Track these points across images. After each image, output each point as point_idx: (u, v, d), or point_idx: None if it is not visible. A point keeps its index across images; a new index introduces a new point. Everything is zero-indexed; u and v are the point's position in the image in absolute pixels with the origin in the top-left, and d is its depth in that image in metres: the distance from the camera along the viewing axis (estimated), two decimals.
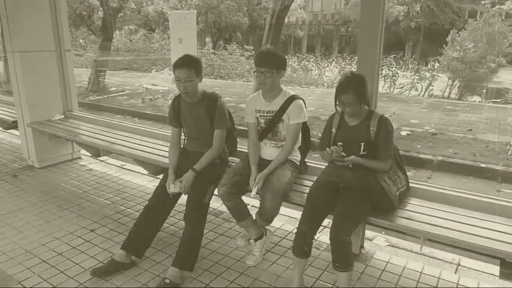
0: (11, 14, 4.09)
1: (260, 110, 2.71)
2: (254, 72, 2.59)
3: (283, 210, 3.28)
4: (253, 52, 17.63)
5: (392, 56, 17.72)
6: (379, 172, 2.33)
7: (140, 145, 3.70)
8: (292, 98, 2.62)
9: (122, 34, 28.18)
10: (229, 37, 25.23)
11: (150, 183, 4.16)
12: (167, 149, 2.99)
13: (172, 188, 2.70)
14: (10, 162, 4.75)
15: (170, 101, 2.99)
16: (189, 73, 2.61)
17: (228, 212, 2.70)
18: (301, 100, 2.63)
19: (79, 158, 4.90)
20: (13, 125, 4.71)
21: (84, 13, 22.92)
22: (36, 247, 2.94)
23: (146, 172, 4.19)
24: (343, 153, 2.29)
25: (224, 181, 2.60)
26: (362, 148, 2.31)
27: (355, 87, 2.22)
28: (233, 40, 23.93)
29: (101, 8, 14.09)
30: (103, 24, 11.58)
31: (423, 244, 2.91)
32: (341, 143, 2.35)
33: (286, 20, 20.94)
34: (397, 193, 2.36)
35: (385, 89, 13.32)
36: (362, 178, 2.30)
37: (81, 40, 25.16)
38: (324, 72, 16.83)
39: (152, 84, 10.80)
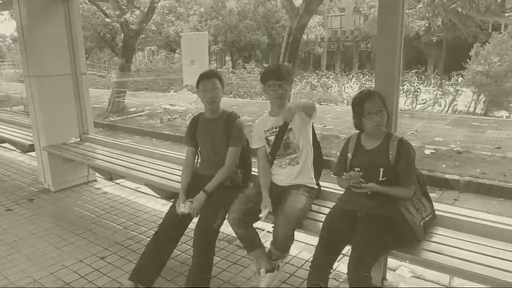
0: (28, 39, 4.14)
1: (268, 130, 2.62)
2: (269, 86, 2.52)
3: (300, 236, 3.13)
4: None
5: (413, 71, 17.39)
6: (402, 199, 2.15)
7: (154, 169, 3.63)
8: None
9: (144, 55, 28.90)
10: (249, 55, 25.46)
11: (163, 207, 4.06)
12: (180, 173, 2.92)
13: (182, 208, 2.62)
14: (27, 186, 4.76)
15: (188, 121, 3.08)
16: (214, 82, 2.71)
17: None
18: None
19: (95, 180, 4.86)
20: (30, 148, 4.74)
21: (108, 35, 23.70)
22: (44, 276, 2.86)
23: (159, 196, 4.11)
24: (361, 179, 2.13)
25: (236, 207, 2.47)
26: (381, 174, 2.14)
27: (378, 94, 2.18)
28: (252, 58, 24.13)
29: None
30: (123, 46, 11.81)
31: (452, 277, 2.68)
32: (358, 169, 2.19)
33: (305, 37, 21.03)
34: (422, 223, 2.16)
35: (407, 105, 13.02)
36: (383, 206, 2.13)
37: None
38: (344, 88, 16.65)
39: (170, 104, 10.87)
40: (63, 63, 4.40)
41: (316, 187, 2.65)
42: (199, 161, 2.94)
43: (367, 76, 18.58)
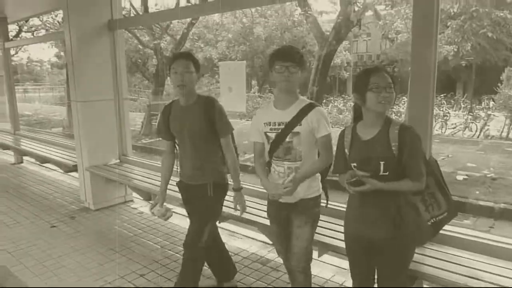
0: (76, 67, 4.46)
1: (270, 123, 2.24)
2: (276, 68, 2.14)
3: (330, 259, 3.18)
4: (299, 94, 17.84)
5: (442, 95, 17.20)
6: (412, 194, 1.90)
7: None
8: (312, 105, 2.19)
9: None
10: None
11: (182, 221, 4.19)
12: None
13: (156, 211, 2.66)
14: (68, 204, 5.00)
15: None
16: (187, 64, 2.44)
17: (275, 260, 2.63)
18: (322, 108, 2.24)
19: (132, 201, 5.06)
20: (73, 168, 5.00)
21: (139, 60, 24.64)
22: None
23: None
24: (356, 176, 1.84)
25: (278, 246, 2.51)
26: (382, 168, 1.82)
27: (384, 69, 1.90)
28: None
29: (154, 57, 15.06)
30: (157, 71, 12.32)
31: None
32: (355, 164, 1.91)
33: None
34: (430, 223, 1.98)
35: (436, 130, 12.85)
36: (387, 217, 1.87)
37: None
38: None
39: None
40: (107, 89, 4.69)
41: (320, 193, 2.35)
42: (180, 162, 2.69)
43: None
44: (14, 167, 7.14)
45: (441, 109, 14.28)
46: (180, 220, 4.40)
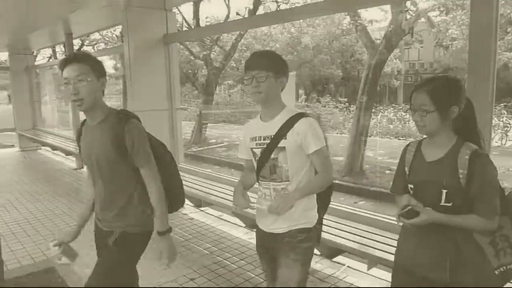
0: (134, 78, 4.74)
1: (255, 137, 1.92)
2: (244, 80, 1.86)
3: (379, 273, 3.11)
4: (346, 103, 17.62)
5: (502, 105, 16.22)
6: (479, 233, 1.58)
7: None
8: (299, 116, 1.84)
9: (221, 89, 30.49)
10: (322, 89, 25.65)
11: (245, 235, 4.25)
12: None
13: (52, 251, 2.01)
14: None
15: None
16: (81, 71, 1.79)
17: (323, 271, 2.60)
18: (312, 118, 1.87)
19: (182, 207, 5.23)
20: None
21: (190, 71, 25.51)
22: None
23: (242, 224, 4.32)
24: (409, 206, 1.59)
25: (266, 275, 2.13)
26: (444, 198, 1.56)
27: (434, 85, 1.57)
28: (326, 92, 24.27)
29: (205, 67, 15.53)
30: (207, 82, 12.70)
31: None
32: (411, 186, 1.67)
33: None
34: (498, 272, 1.59)
35: (496, 142, 12.12)
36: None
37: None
38: None
39: None
40: (161, 99, 4.93)
41: (312, 226, 1.92)
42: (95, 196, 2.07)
43: None
44: (76, 172, 7.64)
45: (501, 119, 13.46)
46: (230, 228, 4.50)
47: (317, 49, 22.83)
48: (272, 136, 1.84)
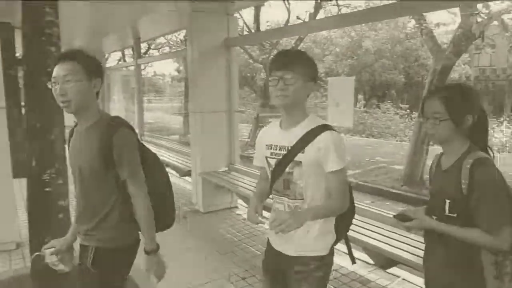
0: (196, 80, 4.94)
1: (271, 146, 1.75)
2: (269, 80, 1.67)
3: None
4: (408, 110, 16.94)
5: None
6: (488, 250, 1.47)
7: None
8: (324, 128, 1.65)
9: None
10: (383, 94, 24.86)
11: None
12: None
13: (47, 257, 1.90)
14: (181, 205, 5.50)
15: None
16: (70, 69, 1.64)
17: (376, 281, 2.55)
18: (338, 133, 1.67)
19: (236, 207, 5.35)
20: (188, 173, 5.50)
21: (248, 74, 25.95)
22: (197, 285, 3.28)
23: None
24: (403, 211, 1.64)
25: None
26: (447, 208, 1.52)
27: (449, 93, 1.52)
28: (387, 98, 23.49)
29: (263, 70, 15.70)
30: (265, 85, 12.85)
31: None
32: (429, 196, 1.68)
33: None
34: None
35: None
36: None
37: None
38: (493, 133, 14.92)
39: None
40: (220, 102, 5.08)
41: (328, 253, 1.74)
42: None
43: None
44: None
45: None
46: None
47: (378, 53, 22.18)
48: (290, 148, 1.66)
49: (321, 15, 11.72)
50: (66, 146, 1.91)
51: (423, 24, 7.69)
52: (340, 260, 3.69)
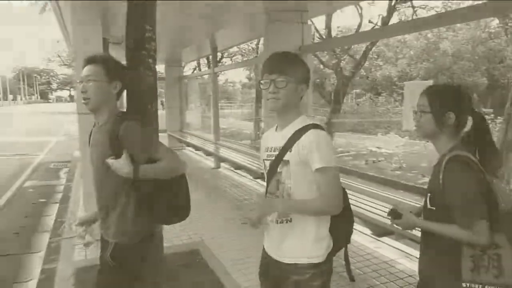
0: None
1: (267, 148, 1.75)
2: (260, 83, 1.68)
3: None
4: (492, 115, 15.74)
5: None
6: (468, 244, 1.50)
7: (366, 205, 3.90)
8: (310, 127, 1.61)
9: (347, 98, 30.16)
10: None
11: (371, 244, 4.25)
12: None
13: (76, 231, 2.04)
14: None
15: (394, 164, 2.23)
16: (93, 71, 1.83)
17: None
18: (324, 131, 1.64)
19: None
20: (261, 175, 5.71)
21: (318, 80, 25.90)
22: None
23: (368, 232, 4.32)
24: (394, 207, 1.72)
25: None
26: (428, 201, 1.61)
27: (434, 88, 1.64)
28: None
29: (333, 76, 15.63)
30: (336, 91, 12.79)
31: None
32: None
33: None
34: (467, 285, 1.49)
35: None
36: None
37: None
38: None
39: (377, 147, 11.01)
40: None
41: (324, 259, 1.64)
42: None
43: None
44: (214, 171, 8.53)
45: None
46: (354, 234, 4.53)
47: (457, 55, 20.93)
48: (281, 148, 1.65)
49: (394, 18, 11.43)
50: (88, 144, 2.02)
51: (508, 23, 7.21)
52: (410, 264, 3.64)
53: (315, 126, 1.61)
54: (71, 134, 15.72)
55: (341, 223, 1.67)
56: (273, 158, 1.67)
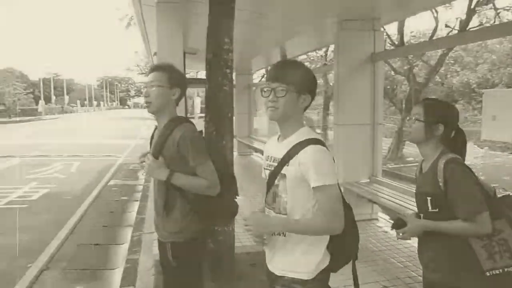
0: (342, 94, 5.20)
1: (268, 157, 1.73)
2: (261, 91, 1.62)
3: None
4: None
5: None
6: (474, 237, 1.69)
7: None
8: (309, 142, 1.55)
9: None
10: None
11: None
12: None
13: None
14: None
15: None
16: (156, 77, 2.00)
17: None
18: (323, 147, 1.55)
19: (376, 219, 5.38)
20: None
21: (388, 87, 25.05)
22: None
23: None
24: (398, 215, 1.92)
25: None
26: (429, 204, 1.77)
27: (431, 101, 1.87)
28: None
29: (405, 82, 15.05)
30: (408, 98, 12.36)
31: None
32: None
33: None
34: (489, 274, 1.64)
35: None
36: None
37: None
38: None
39: None
40: (364, 114, 5.23)
41: (315, 276, 1.58)
42: None
43: None
44: None
45: None
46: None
47: None
48: (280, 159, 1.61)
49: (474, 21, 10.78)
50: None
51: None
52: None
53: (315, 142, 1.55)
54: (147, 138, 16.81)
55: (347, 238, 1.62)
56: (272, 169, 1.66)
